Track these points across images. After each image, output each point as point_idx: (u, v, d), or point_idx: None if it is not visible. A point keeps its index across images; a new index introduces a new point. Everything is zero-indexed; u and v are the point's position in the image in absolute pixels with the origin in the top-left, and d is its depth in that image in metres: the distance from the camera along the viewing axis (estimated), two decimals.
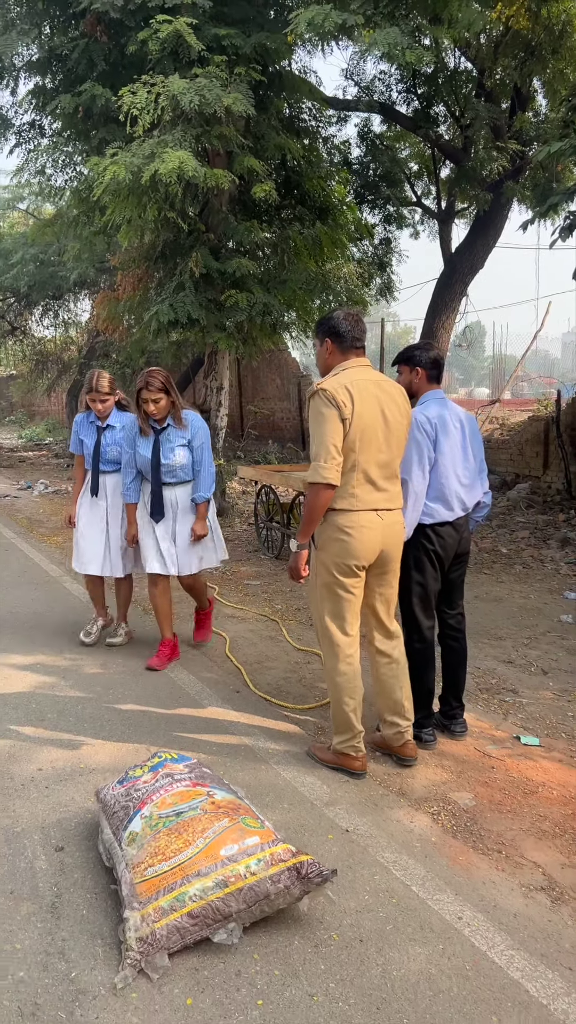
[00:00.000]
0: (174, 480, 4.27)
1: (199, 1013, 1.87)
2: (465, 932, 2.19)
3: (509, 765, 3.27)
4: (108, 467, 4.66)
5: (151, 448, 4.23)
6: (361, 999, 1.93)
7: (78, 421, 4.78)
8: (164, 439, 4.23)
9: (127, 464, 4.36)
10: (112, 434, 4.64)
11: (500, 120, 12.33)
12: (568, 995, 1.96)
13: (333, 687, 3.11)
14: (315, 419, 2.98)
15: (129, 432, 4.34)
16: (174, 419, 4.25)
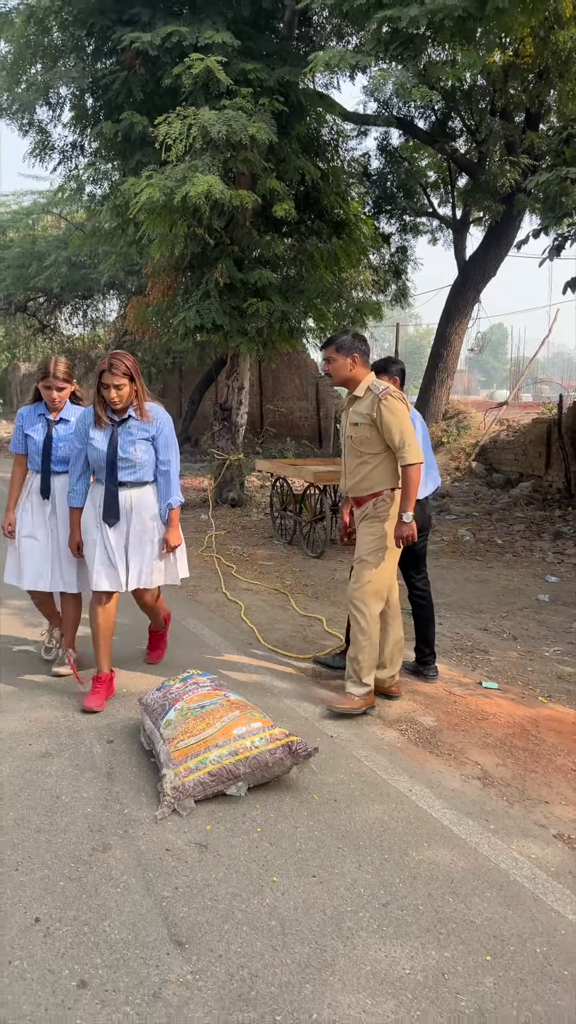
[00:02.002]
0: (132, 479, 3.73)
1: (214, 834, 2.64)
2: (412, 798, 2.94)
3: (469, 701, 4.02)
4: (60, 467, 3.99)
5: (107, 440, 3.67)
6: (331, 831, 2.70)
7: (23, 414, 4.07)
8: (123, 431, 3.69)
9: (75, 461, 3.79)
10: (66, 429, 4.00)
11: (513, 136, 12.98)
12: (481, 834, 2.71)
13: (370, 639, 3.74)
14: (396, 414, 3.66)
15: (81, 424, 3.75)
16: (137, 410, 3.72)
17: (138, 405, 3.73)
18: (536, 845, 2.67)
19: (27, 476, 4.12)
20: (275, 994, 1.95)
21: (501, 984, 2.01)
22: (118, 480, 3.70)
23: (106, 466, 3.69)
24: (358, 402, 3.82)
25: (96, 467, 3.74)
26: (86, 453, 3.75)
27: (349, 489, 3.91)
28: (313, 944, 2.14)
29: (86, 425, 3.73)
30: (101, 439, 3.69)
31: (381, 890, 2.39)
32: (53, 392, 3.94)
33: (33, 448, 4.02)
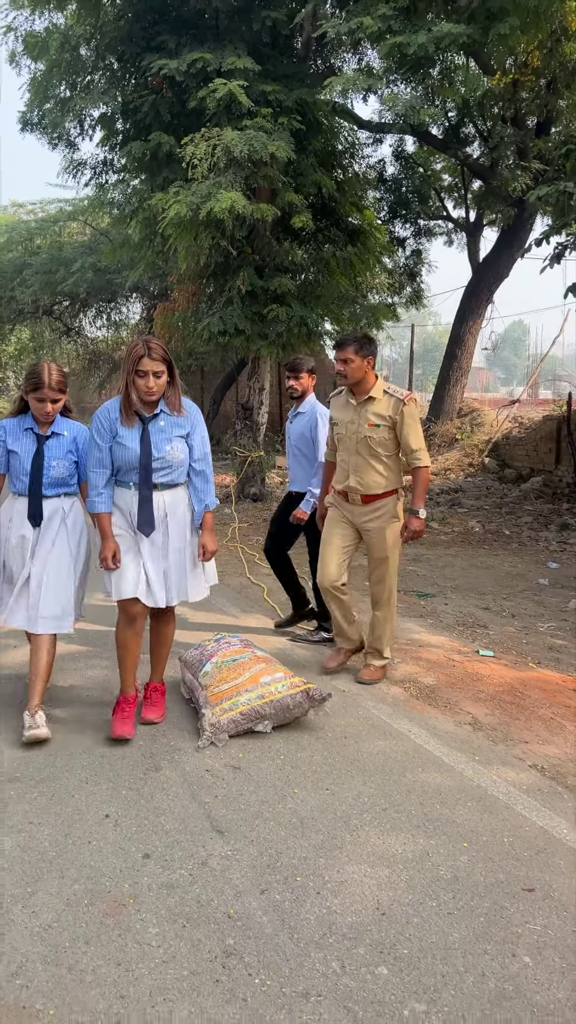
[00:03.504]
0: (167, 481, 3.36)
1: (246, 760, 3.21)
2: (411, 737, 3.49)
3: (466, 665, 4.55)
4: (52, 491, 3.48)
5: (139, 439, 3.28)
6: (342, 759, 3.25)
7: (6, 427, 3.48)
8: (155, 428, 3.31)
9: (96, 464, 3.32)
10: (58, 445, 3.46)
11: (525, 141, 13.41)
12: (468, 763, 3.25)
13: (391, 622, 4.23)
14: (414, 419, 3.98)
15: (104, 421, 3.30)
16: (169, 404, 3.34)
17: (170, 398, 3.33)
18: (513, 771, 3.21)
19: (6, 501, 3.52)
20: (296, 865, 2.51)
21: (473, 860, 2.56)
22: (153, 483, 3.32)
23: (140, 468, 3.28)
24: (374, 403, 3.99)
25: (125, 470, 3.32)
26: (108, 456, 3.31)
27: (362, 486, 4.05)
28: (326, 834, 2.70)
29: (110, 422, 3.28)
30: (131, 438, 3.27)
31: (381, 799, 2.94)
32: (47, 405, 3.37)
33: (19, 467, 3.43)
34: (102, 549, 3.34)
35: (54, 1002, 1.93)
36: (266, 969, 2.05)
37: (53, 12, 9.94)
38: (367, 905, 2.32)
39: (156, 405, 3.34)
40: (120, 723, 3.38)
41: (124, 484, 3.38)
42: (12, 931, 2.18)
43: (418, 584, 6.62)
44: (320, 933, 2.19)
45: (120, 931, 2.19)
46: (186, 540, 3.44)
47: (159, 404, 3.34)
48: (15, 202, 23.33)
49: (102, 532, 3.36)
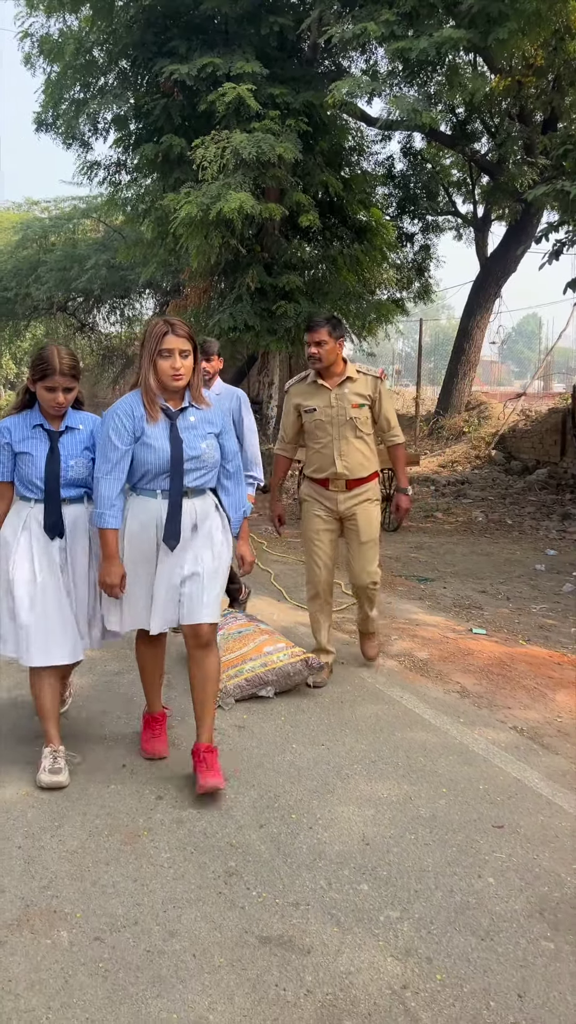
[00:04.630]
0: (199, 485, 2.92)
1: (250, 720, 3.52)
2: (403, 702, 3.79)
3: (459, 642, 4.84)
4: (71, 492, 3.01)
5: (167, 436, 2.82)
6: (338, 720, 3.56)
7: (8, 428, 2.98)
8: (185, 424, 2.87)
9: (110, 470, 2.82)
10: (75, 441, 2.99)
11: (531, 137, 13.60)
12: (452, 724, 3.55)
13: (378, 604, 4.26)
14: (389, 396, 4.02)
15: (121, 417, 2.82)
16: (194, 396, 2.91)
17: (196, 388, 2.91)
18: (494, 732, 3.51)
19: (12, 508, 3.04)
20: (291, 805, 2.82)
21: (451, 803, 2.86)
22: (183, 489, 2.86)
23: (172, 470, 2.82)
24: (352, 384, 3.90)
25: (151, 475, 2.85)
26: (128, 459, 2.83)
27: (349, 471, 3.92)
28: (319, 781, 3.01)
29: (134, 420, 2.81)
30: (159, 436, 2.81)
31: (372, 754, 3.25)
32: (58, 395, 2.87)
33: (31, 470, 2.93)
34: (105, 573, 2.86)
35: (80, 908, 2.25)
36: (262, 885, 2.37)
37: (68, 16, 10.27)
38: (353, 837, 2.63)
39: (183, 395, 2.89)
40: (150, 742, 3.17)
41: (147, 492, 2.88)
42: (43, 855, 2.51)
43: (419, 569, 6.91)
44: (311, 858, 2.50)
45: (136, 856, 2.51)
46: (213, 551, 2.92)
47: (185, 395, 2.90)
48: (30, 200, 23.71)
49: (107, 552, 2.85)
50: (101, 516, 2.85)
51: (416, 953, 2.10)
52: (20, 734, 3.38)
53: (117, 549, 2.88)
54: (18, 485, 3.01)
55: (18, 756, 3.18)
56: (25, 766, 3.08)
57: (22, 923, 2.19)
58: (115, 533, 2.87)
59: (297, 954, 2.08)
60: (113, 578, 2.88)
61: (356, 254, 10.25)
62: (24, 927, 2.18)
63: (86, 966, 2.03)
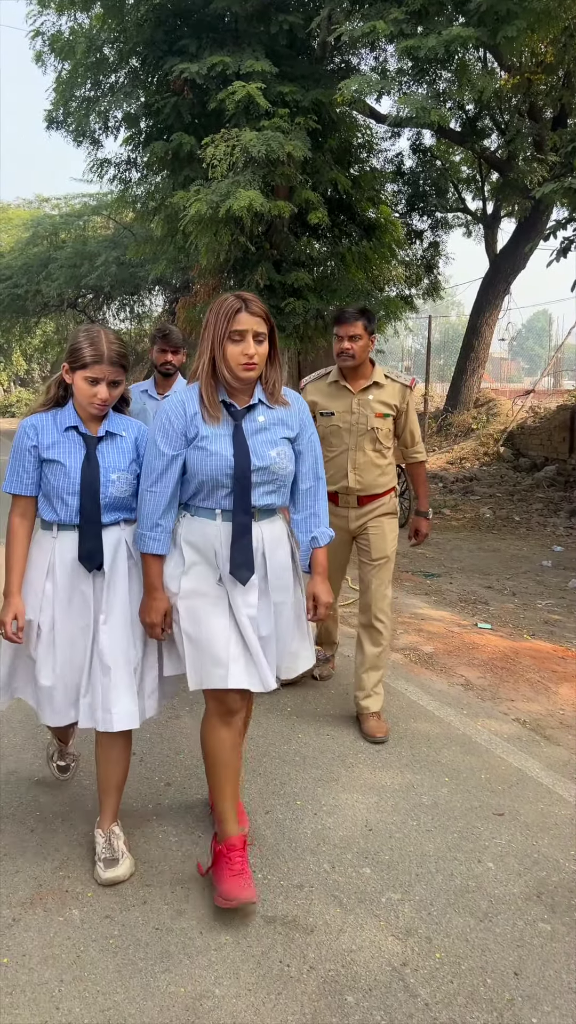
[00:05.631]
0: (269, 504, 2.33)
1: (257, 711, 3.58)
2: (407, 695, 3.85)
3: (464, 636, 4.89)
4: (113, 516, 2.40)
5: (231, 441, 2.25)
6: (343, 711, 3.62)
7: (35, 427, 2.38)
8: (253, 426, 2.29)
9: (156, 481, 2.28)
10: (117, 451, 2.40)
11: (541, 134, 13.59)
12: (456, 716, 3.61)
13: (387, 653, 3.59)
14: (414, 409, 3.60)
15: (170, 422, 2.26)
16: (267, 391, 2.32)
17: (272, 381, 2.33)
18: (496, 723, 3.56)
19: (30, 530, 2.44)
20: (296, 792, 2.89)
21: (453, 791, 2.92)
22: (251, 507, 2.27)
23: (235, 484, 2.24)
24: (379, 390, 3.46)
25: (208, 489, 2.27)
26: (178, 468, 2.28)
27: (362, 486, 3.47)
28: (324, 769, 3.07)
29: (186, 419, 2.25)
30: (220, 440, 2.24)
31: (376, 743, 3.31)
32: (102, 389, 2.29)
33: (62, 484, 2.32)
34: (145, 608, 2.33)
35: (91, 888, 2.33)
36: (267, 867, 2.44)
37: (79, 14, 10.34)
38: (356, 823, 2.69)
39: (252, 390, 2.30)
40: (233, 882, 2.20)
41: (204, 511, 2.30)
42: (55, 838, 2.58)
43: (426, 565, 6.96)
44: (315, 843, 2.57)
45: (145, 839, 2.58)
46: (290, 589, 2.39)
47: (255, 390, 2.31)
48: (41, 197, 23.86)
49: (148, 582, 2.32)
50: (143, 538, 2.30)
51: (416, 933, 2.16)
52: (33, 721, 3.46)
53: (161, 580, 2.32)
54: (41, 504, 2.40)
55: (30, 743, 3.26)
56: (38, 752, 3.16)
57: (35, 902, 2.27)
58: (159, 561, 2.31)
59: (301, 933, 2.15)
60: (154, 615, 2.30)
61: (365, 251, 10.29)
62: (37, 905, 2.25)
63: (97, 942, 2.11)
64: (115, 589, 2.38)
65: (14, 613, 2.34)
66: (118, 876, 2.34)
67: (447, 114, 7.50)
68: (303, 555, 2.47)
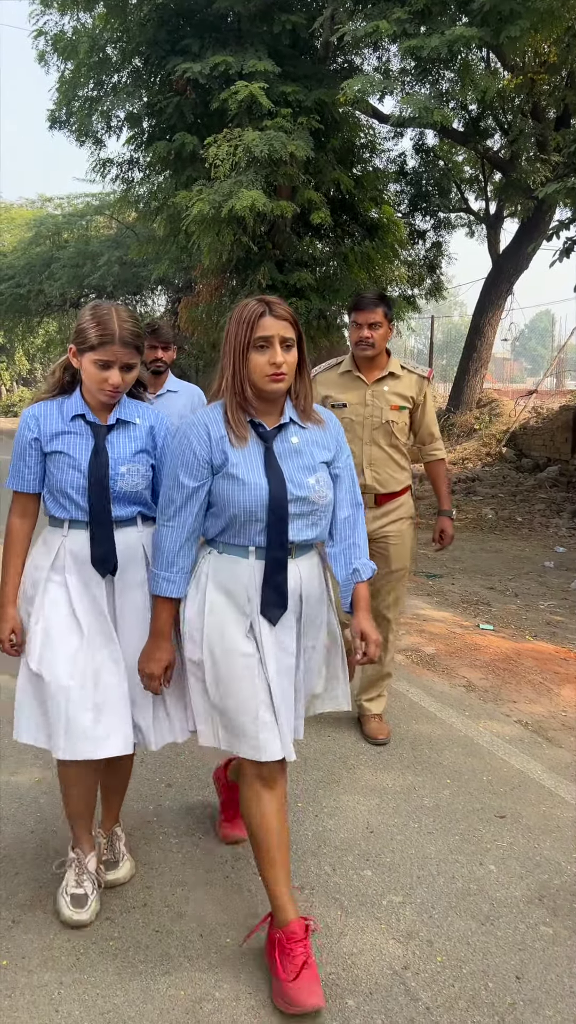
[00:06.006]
0: (307, 539, 2.06)
1: None
2: (409, 696, 3.84)
3: (466, 637, 4.88)
4: (123, 511, 2.15)
5: (263, 467, 1.97)
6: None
7: (36, 416, 2.14)
8: (286, 448, 2.02)
9: (173, 515, 2.01)
10: (128, 440, 2.16)
11: (544, 134, 13.57)
12: (457, 717, 3.60)
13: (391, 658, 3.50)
14: (433, 401, 3.33)
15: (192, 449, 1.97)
16: (299, 407, 2.07)
17: (303, 396, 2.06)
18: (498, 724, 3.55)
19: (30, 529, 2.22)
20: (297, 794, 2.88)
21: (455, 794, 2.91)
22: (288, 542, 2.00)
23: (269, 515, 1.96)
24: (395, 381, 3.26)
25: (241, 523, 1.98)
26: (202, 501, 2.00)
27: (379, 483, 3.27)
28: (325, 771, 3.06)
29: (211, 444, 1.97)
30: (252, 467, 1.97)
31: (378, 745, 3.30)
32: (114, 373, 2.04)
33: (67, 478, 2.09)
34: (146, 656, 2.06)
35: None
36: None
37: (82, 13, 10.35)
38: (358, 825, 2.68)
39: (282, 407, 2.04)
40: (297, 985, 1.87)
41: (235, 548, 2.02)
42: (55, 839, 2.58)
43: (428, 566, 6.95)
44: (316, 845, 2.56)
45: (145, 840, 2.58)
46: (322, 628, 2.16)
47: (285, 406, 2.04)
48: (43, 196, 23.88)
49: (155, 627, 2.06)
50: (155, 579, 2.04)
51: (417, 936, 2.15)
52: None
53: (171, 627, 2.06)
54: (47, 501, 2.17)
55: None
56: (38, 753, 3.15)
57: (35, 903, 2.26)
58: (172, 605, 2.05)
59: None
60: (155, 666, 2.04)
61: (367, 251, 10.29)
62: (37, 907, 2.25)
63: (97, 944, 2.10)
64: (128, 598, 2.14)
65: (11, 627, 2.16)
66: (118, 879, 2.34)
67: (450, 114, 7.49)
68: (343, 591, 2.18)
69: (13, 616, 2.17)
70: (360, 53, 11.09)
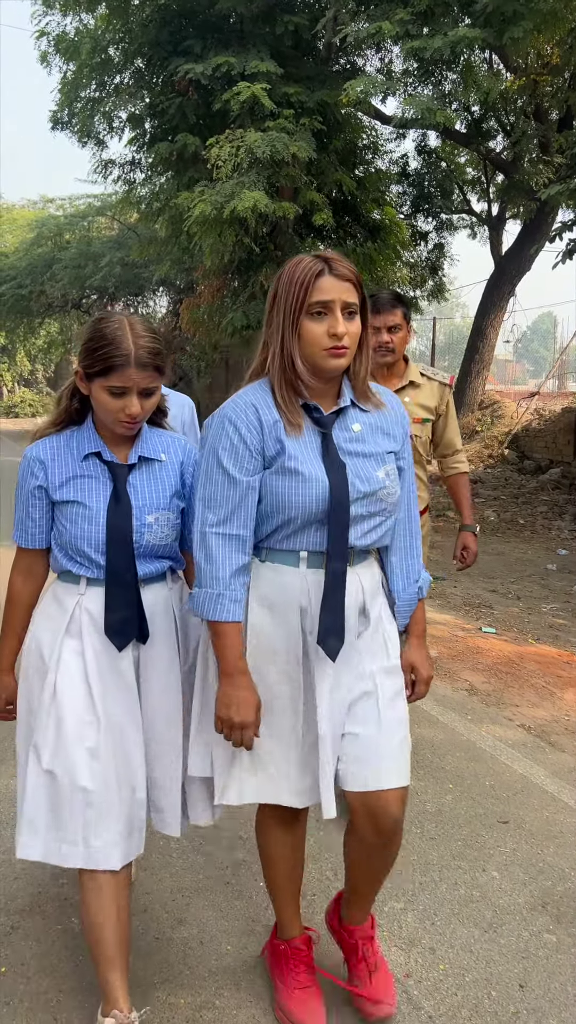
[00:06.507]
0: (369, 544, 1.72)
1: None
2: None
3: (468, 640, 4.86)
4: (151, 566, 1.80)
5: (321, 457, 1.64)
6: None
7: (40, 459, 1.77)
8: (346, 435, 1.69)
9: (224, 519, 1.63)
10: (155, 482, 1.79)
11: (547, 135, 13.55)
12: (460, 721, 3.58)
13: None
14: (454, 411, 3.04)
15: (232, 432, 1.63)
16: (356, 388, 1.72)
17: (360, 375, 1.71)
18: (501, 729, 3.53)
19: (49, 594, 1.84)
20: None
21: (457, 799, 2.89)
22: (349, 547, 1.66)
23: (330, 517, 1.62)
24: (416, 391, 2.93)
25: (295, 526, 1.65)
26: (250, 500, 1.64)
27: None
28: None
29: (258, 430, 1.63)
30: (309, 458, 1.63)
31: None
32: (131, 401, 1.67)
33: (83, 531, 1.73)
34: (225, 701, 1.63)
35: None
36: None
37: (84, 14, 10.36)
38: None
39: (339, 387, 1.70)
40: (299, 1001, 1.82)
41: (283, 555, 1.68)
42: None
43: (429, 568, 6.89)
44: (317, 850, 2.54)
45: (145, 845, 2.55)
46: (390, 657, 1.76)
47: (342, 387, 1.70)
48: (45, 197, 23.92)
49: (227, 666, 1.64)
50: (211, 600, 1.62)
51: (420, 943, 2.13)
52: None
53: (243, 658, 1.65)
54: (57, 554, 1.79)
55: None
56: None
57: (34, 909, 2.24)
58: (237, 629, 1.64)
59: None
60: (245, 711, 1.61)
61: (370, 252, 10.28)
62: (36, 913, 2.23)
63: None
64: (155, 671, 1.79)
65: (5, 698, 1.86)
66: None
67: (452, 115, 7.49)
68: (401, 611, 1.81)
69: (9, 685, 1.88)
70: (363, 54, 11.09)
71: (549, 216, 14.80)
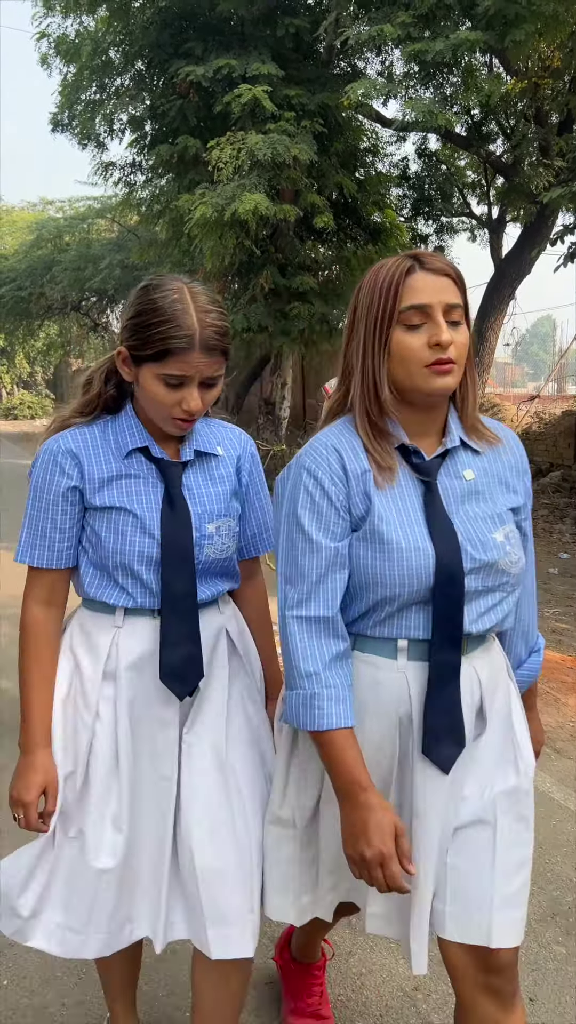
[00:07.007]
0: (491, 624, 1.31)
1: None
2: None
3: None
4: (210, 589, 1.44)
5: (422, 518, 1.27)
6: None
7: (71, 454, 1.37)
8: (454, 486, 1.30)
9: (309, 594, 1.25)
10: (211, 484, 1.44)
11: (547, 139, 13.55)
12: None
13: None
14: None
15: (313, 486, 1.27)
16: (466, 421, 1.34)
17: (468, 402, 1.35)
18: None
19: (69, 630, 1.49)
20: None
21: None
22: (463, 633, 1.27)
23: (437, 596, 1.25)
24: None
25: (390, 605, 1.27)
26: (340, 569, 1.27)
27: None
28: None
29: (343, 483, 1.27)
30: (408, 517, 1.27)
31: None
32: (192, 394, 1.32)
33: (132, 546, 1.36)
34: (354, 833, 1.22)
35: None
36: None
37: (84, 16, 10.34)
38: None
39: (443, 420, 1.34)
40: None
41: (378, 644, 1.31)
42: None
43: None
44: None
45: None
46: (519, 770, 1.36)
47: (448, 419, 1.33)
48: (45, 199, 23.92)
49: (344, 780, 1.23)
50: (305, 704, 1.23)
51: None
52: None
53: (368, 773, 1.23)
54: (86, 579, 1.43)
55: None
56: None
57: None
58: (348, 737, 1.23)
59: None
60: (379, 839, 1.18)
61: (370, 255, 10.27)
62: None
63: None
64: (205, 710, 1.41)
65: (42, 784, 1.38)
66: None
67: (453, 118, 7.49)
68: (520, 684, 1.47)
69: (47, 764, 1.40)
70: (364, 57, 11.07)
71: (549, 219, 14.80)
